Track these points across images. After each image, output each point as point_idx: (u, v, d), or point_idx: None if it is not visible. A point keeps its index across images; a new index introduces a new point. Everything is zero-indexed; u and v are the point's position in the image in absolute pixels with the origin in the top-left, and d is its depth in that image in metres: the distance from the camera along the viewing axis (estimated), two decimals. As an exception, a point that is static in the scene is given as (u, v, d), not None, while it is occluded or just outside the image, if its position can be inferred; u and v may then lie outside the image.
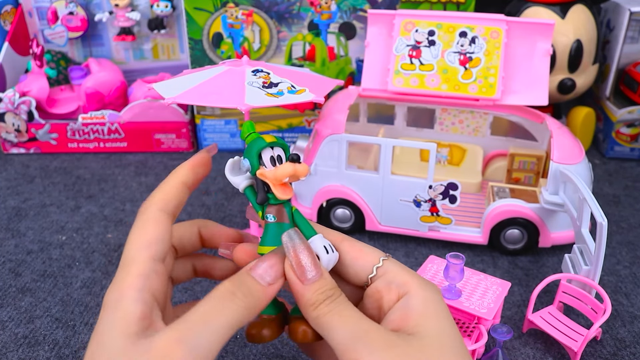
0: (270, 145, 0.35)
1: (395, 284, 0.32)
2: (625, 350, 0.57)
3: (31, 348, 0.57)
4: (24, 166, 0.93)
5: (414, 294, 0.31)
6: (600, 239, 0.55)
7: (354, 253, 0.34)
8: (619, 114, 0.90)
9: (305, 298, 0.31)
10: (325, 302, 0.31)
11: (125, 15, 0.97)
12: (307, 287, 0.31)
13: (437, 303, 0.32)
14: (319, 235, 0.35)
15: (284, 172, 0.33)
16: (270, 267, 0.32)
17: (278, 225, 0.35)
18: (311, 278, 0.32)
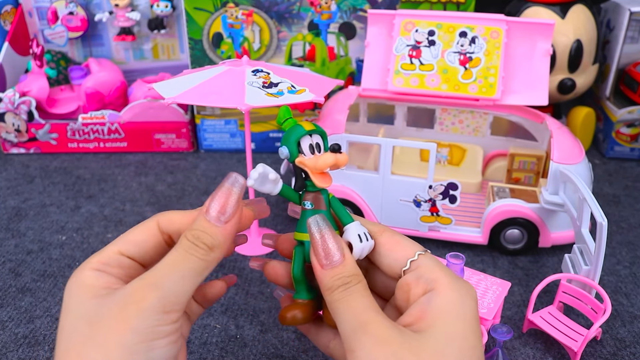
0: (309, 132, 0.35)
1: (424, 279, 0.32)
2: (625, 350, 0.57)
3: (31, 348, 0.57)
4: (24, 166, 0.93)
5: (439, 292, 0.31)
6: (600, 239, 0.55)
7: (390, 245, 0.34)
8: (619, 114, 0.90)
9: (323, 282, 0.32)
10: (340, 289, 0.31)
11: (125, 15, 0.97)
12: (326, 271, 0.32)
13: (463, 306, 0.31)
14: (355, 223, 0.35)
15: (325, 162, 0.34)
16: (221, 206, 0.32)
17: (315, 212, 0.35)
18: (330, 263, 0.32)
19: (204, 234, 0.31)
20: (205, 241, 0.31)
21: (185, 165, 0.94)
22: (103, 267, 0.32)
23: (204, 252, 0.31)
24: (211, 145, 0.98)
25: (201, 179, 0.89)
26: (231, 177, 0.33)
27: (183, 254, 0.31)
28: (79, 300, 0.30)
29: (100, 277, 0.31)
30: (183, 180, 0.89)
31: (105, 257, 0.32)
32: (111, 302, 0.30)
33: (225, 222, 0.32)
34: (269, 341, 0.57)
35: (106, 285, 0.31)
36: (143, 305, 0.29)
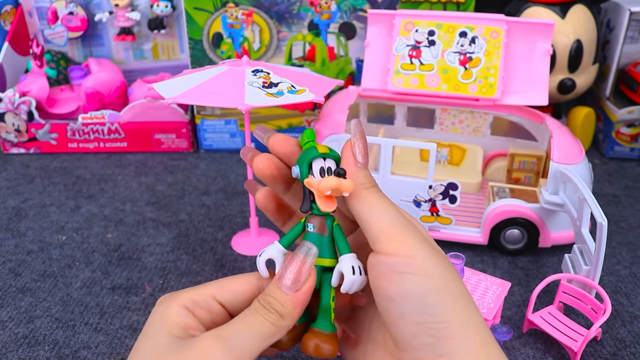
0: (323, 156, 0.35)
1: None
2: (625, 350, 0.57)
3: (31, 348, 0.57)
4: (24, 166, 0.93)
5: None
6: (600, 239, 0.55)
7: None
8: (619, 114, 0.90)
9: (358, 178, 0.34)
10: (374, 189, 0.34)
11: (125, 15, 0.97)
12: (361, 170, 0.34)
13: None
14: (352, 255, 0.35)
15: (327, 184, 0.33)
16: (294, 275, 0.33)
17: (317, 237, 0.35)
18: (364, 164, 0.35)
19: (276, 301, 0.32)
20: (276, 308, 0.32)
21: (185, 165, 0.94)
22: (192, 305, 0.33)
23: (275, 318, 0.32)
24: (211, 145, 0.98)
25: (201, 179, 0.89)
26: (304, 245, 0.34)
27: (255, 316, 0.32)
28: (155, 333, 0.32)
29: (184, 316, 0.32)
30: (183, 180, 0.89)
31: (198, 296, 0.33)
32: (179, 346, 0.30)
33: (297, 291, 0.33)
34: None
35: (186, 326, 0.32)
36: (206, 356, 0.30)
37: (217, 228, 0.76)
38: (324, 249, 0.35)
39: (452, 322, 0.30)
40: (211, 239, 0.74)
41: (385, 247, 0.31)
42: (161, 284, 0.66)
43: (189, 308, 0.33)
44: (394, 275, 0.31)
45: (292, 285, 0.33)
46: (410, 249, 0.31)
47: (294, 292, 0.33)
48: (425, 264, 0.31)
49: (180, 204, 0.82)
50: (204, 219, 0.79)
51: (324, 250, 0.35)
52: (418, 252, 0.31)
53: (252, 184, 0.41)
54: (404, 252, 0.31)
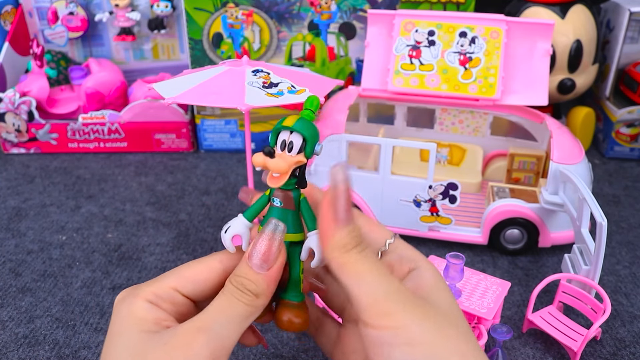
0: (288, 129, 0.34)
1: (406, 258, 0.35)
2: (625, 350, 0.57)
3: (31, 348, 0.57)
4: (24, 166, 0.93)
5: (424, 269, 0.34)
6: (600, 239, 0.55)
7: (370, 227, 0.36)
8: (619, 114, 0.90)
9: (336, 238, 0.31)
10: (357, 249, 0.31)
11: (126, 16, 0.97)
12: (342, 229, 0.32)
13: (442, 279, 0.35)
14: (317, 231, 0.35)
15: (254, 160, 0.34)
16: (263, 254, 0.32)
17: (282, 211, 0.35)
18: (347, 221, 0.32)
19: (248, 281, 0.32)
20: (249, 288, 0.32)
21: (185, 165, 0.94)
22: (156, 299, 0.32)
23: (249, 298, 0.32)
24: (211, 145, 0.98)
25: (201, 179, 0.89)
26: (271, 223, 0.33)
27: (230, 299, 0.32)
28: (127, 332, 0.31)
29: (151, 311, 0.31)
30: (183, 180, 0.89)
31: (159, 290, 0.33)
32: (159, 341, 0.30)
33: (268, 269, 0.32)
34: (269, 341, 0.57)
35: (157, 320, 0.31)
36: (191, 351, 0.29)
37: (217, 228, 0.76)
38: (290, 224, 0.35)
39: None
40: (211, 239, 0.74)
41: (371, 321, 0.30)
42: (161, 283, 0.66)
43: (154, 302, 0.32)
44: (383, 347, 0.30)
45: (262, 264, 0.32)
46: (397, 320, 0.30)
47: (266, 270, 0.32)
48: (413, 332, 0.30)
49: (180, 204, 0.82)
50: (204, 219, 0.79)
51: (289, 225, 0.35)
52: (405, 321, 0.30)
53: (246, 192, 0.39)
54: (391, 323, 0.30)
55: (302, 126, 0.34)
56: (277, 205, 0.35)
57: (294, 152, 0.34)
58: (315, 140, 0.35)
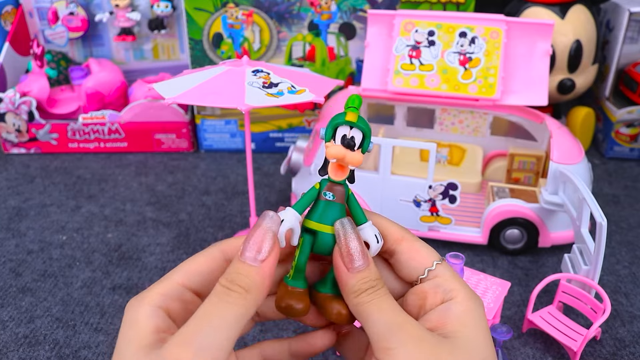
0: (350, 124, 0.35)
1: (443, 288, 0.33)
2: (624, 350, 0.57)
3: (32, 348, 0.57)
4: (24, 166, 0.93)
5: (458, 301, 0.32)
6: (600, 239, 0.55)
7: (410, 254, 0.35)
8: (619, 114, 0.90)
9: (350, 285, 0.32)
10: (368, 292, 0.32)
11: (126, 16, 0.97)
12: (353, 274, 0.32)
13: (479, 317, 0.32)
14: (369, 223, 0.35)
15: (331, 152, 0.34)
16: (257, 245, 0.31)
17: (332, 204, 0.35)
18: (358, 267, 0.32)
19: (239, 275, 0.30)
20: (240, 283, 0.30)
21: (185, 165, 0.94)
22: (162, 301, 0.31)
23: (238, 296, 0.30)
24: (211, 145, 0.99)
25: (201, 179, 0.89)
26: (267, 215, 0.33)
27: (215, 303, 0.30)
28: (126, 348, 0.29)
29: (152, 317, 0.30)
30: (183, 180, 0.89)
31: (166, 288, 0.31)
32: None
33: (262, 261, 0.31)
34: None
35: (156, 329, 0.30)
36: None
37: (217, 228, 0.76)
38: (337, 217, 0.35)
39: None
40: (211, 238, 0.74)
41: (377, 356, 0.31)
42: (161, 283, 0.66)
43: (160, 305, 0.31)
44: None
45: (255, 255, 0.31)
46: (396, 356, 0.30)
47: (259, 263, 0.31)
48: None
49: (180, 204, 0.82)
50: (204, 219, 0.79)
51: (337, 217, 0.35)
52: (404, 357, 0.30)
53: None
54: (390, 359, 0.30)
55: (363, 122, 0.35)
56: (330, 198, 0.36)
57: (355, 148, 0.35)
58: (370, 137, 0.35)
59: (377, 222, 0.36)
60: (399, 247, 0.35)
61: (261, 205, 0.81)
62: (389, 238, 0.35)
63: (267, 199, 0.83)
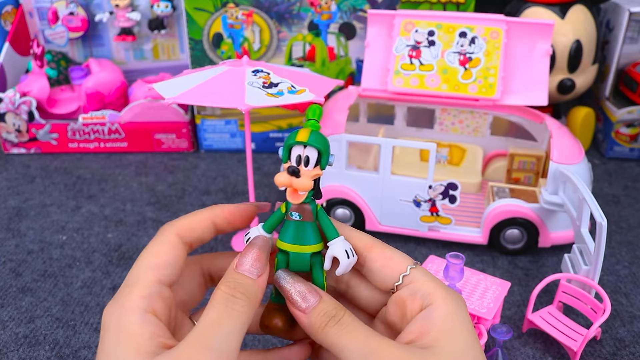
0: (302, 144, 0.34)
1: (420, 293, 0.32)
2: (624, 350, 0.57)
3: (32, 348, 0.57)
4: (24, 166, 0.93)
5: (437, 306, 0.31)
6: (600, 239, 0.55)
7: (382, 261, 0.34)
8: (619, 114, 0.90)
9: (310, 324, 0.32)
10: (330, 324, 0.31)
11: (126, 16, 0.97)
12: (309, 314, 0.32)
13: (461, 318, 0.31)
14: (340, 238, 0.35)
15: (277, 180, 0.34)
16: (254, 261, 0.32)
17: (301, 224, 0.35)
18: (309, 306, 0.32)
19: (241, 284, 0.31)
20: (244, 292, 0.31)
21: (185, 165, 0.94)
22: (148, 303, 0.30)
23: (244, 304, 0.30)
24: (211, 146, 0.99)
25: (201, 179, 0.89)
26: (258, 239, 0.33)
27: (225, 310, 0.30)
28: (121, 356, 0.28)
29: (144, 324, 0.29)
30: (183, 180, 0.89)
31: (146, 289, 0.30)
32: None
33: (258, 277, 0.32)
34: (269, 340, 0.57)
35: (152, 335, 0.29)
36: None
37: (217, 228, 0.76)
38: (310, 236, 0.35)
39: None
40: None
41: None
42: (161, 283, 0.66)
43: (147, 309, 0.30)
44: None
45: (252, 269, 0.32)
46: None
47: (256, 277, 0.31)
48: None
49: (180, 204, 0.82)
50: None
51: (310, 236, 0.35)
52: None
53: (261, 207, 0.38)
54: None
55: (315, 139, 0.34)
56: (296, 218, 0.35)
57: (311, 166, 0.34)
58: (329, 152, 0.35)
59: (345, 234, 0.35)
60: (369, 255, 0.34)
61: (261, 205, 0.81)
62: (358, 247, 0.34)
63: (267, 199, 0.83)
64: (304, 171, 0.34)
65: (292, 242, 0.35)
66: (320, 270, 0.36)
